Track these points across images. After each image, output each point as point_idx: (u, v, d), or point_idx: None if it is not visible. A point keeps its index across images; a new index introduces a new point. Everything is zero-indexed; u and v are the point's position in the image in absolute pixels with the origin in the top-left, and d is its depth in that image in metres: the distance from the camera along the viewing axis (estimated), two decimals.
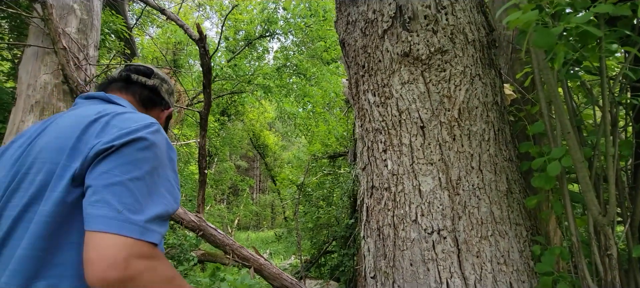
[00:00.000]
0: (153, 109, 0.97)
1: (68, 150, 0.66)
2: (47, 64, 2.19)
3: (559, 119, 0.89)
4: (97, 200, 0.61)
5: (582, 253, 0.95)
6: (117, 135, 0.67)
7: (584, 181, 0.88)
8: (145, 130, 0.70)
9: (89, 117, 0.71)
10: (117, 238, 0.59)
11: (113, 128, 0.69)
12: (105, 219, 0.60)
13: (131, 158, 0.65)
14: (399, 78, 1.31)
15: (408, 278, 1.17)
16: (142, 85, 0.94)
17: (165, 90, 1.00)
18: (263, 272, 2.61)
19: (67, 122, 0.72)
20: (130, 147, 0.66)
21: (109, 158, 0.64)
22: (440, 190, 1.19)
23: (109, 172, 0.63)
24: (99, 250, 0.58)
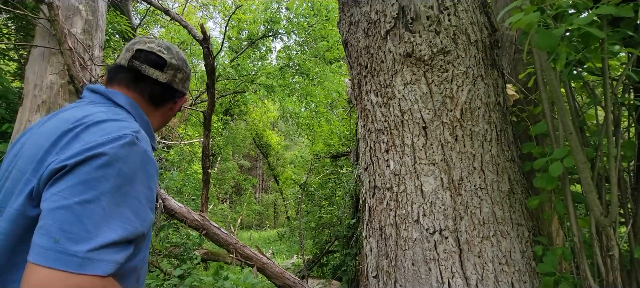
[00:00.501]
0: (164, 105, 0.88)
1: (35, 163, 0.61)
2: (53, 64, 2.21)
3: (562, 119, 0.89)
4: (40, 227, 0.55)
5: (584, 253, 0.95)
6: (77, 151, 0.60)
7: (586, 182, 0.88)
8: (110, 144, 0.61)
9: (66, 126, 0.65)
10: (51, 273, 0.52)
11: (78, 142, 0.62)
12: (41, 250, 0.53)
13: (85, 178, 0.57)
14: (402, 79, 1.31)
15: (410, 277, 1.18)
16: (154, 82, 0.83)
17: (179, 79, 0.88)
18: (266, 271, 2.62)
19: (47, 128, 0.67)
20: (86, 165, 0.58)
21: (63, 179, 0.57)
22: (442, 191, 1.20)
23: (59, 194, 0.56)
24: (30, 286, 0.52)
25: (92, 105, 0.74)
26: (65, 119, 0.67)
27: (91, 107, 0.73)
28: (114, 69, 0.83)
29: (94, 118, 0.66)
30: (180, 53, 0.90)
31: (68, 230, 0.54)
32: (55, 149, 0.61)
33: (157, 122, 0.89)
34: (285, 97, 8.77)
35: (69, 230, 0.54)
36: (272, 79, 8.36)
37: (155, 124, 0.88)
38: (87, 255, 0.54)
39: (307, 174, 5.59)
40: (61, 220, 0.54)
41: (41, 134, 0.66)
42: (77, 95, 2.21)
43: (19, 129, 2.05)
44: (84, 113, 0.68)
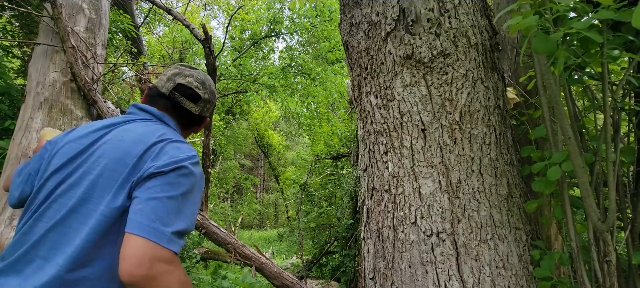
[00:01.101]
0: (192, 127, 1.08)
1: (130, 167, 0.80)
2: (56, 62, 2.23)
3: (560, 123, 0.89)
4: (139, 209, 0.75)
5: (581, 258, 0.95)
6: (167, 162, 0.81)
7: (584, 187, 0.88)
8: (189, 160, 0.84)
9: (150, 140, 0.84)
10: (148, 242, 0.72)
11: (165, 155, 0.83)
12: (141, 225, 0.73)
13: (171, 181, 0.79)
14: (401, 80, 1.31)
15: (406, 280, 1.18)
16: (188, 111, 1.01)
17: (207, 109, 1.07)
18: (264, 270, 2.62)
19: (130, 138, 0.85)
20: (174, 172, 0.80)
21: (156, 178, 0.78)
22: (440, 193, 1.20)
23: (152, 188, 0.77)
24: (132, 249, 0.71)
25: (154, 124, 0.94)
26: (144, 134, 0.86)
27: (155, 125, 0.93)
28: (157, 94, 1.01)
29: (168, 137, 0.88)
30: (212, 86, 1.08)
31: (160, 216, 0.75)
32: (148, 158, 0.81)
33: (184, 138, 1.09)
34: (287, 97, 8.78)
35: (160, 216, 0.75)
36: (274, 79, 8.38)
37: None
38: (170, 236, 0.75)
39: (307, 175, 5.59)
40: (155, 207, 0.75)
41: (124, 144, 0.84)
42: (79, 93, 2.22)
43: (22, 125, 2.07)
44: (157, 131, 0.88)
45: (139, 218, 0.73)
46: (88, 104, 2.25)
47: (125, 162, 0.81)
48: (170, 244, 0.74)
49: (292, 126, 11.95)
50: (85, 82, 2.21)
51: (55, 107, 2.13)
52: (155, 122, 0.95)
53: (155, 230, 0.73)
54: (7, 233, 1.74)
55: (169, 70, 1.04)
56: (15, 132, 2.08)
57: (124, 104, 3.24)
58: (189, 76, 1.02)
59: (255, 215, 16.42)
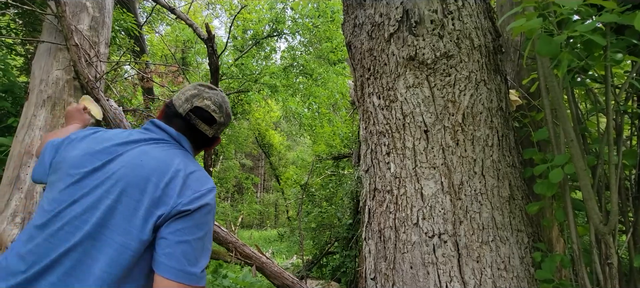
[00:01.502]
0: (203, 147, 1.09)
1: (152, 197, 0.80)
2: (60, 60, 2.23)
3: (563, 126, 0.89)
4: (169, 253, 0.77)
5: (582, 261, 0.95)
6: (192, 198, 0.82)
7: (586, 189, 0.88)
8: (210, 195, 0.86)
9: (170, 168, 0.84)
10: (181, 286, 0.76)
11: (189, 189, 0.83)
12: (173, 270, 0.77)
13: (198, 222, 0.82)
14: (404, 82, 1.32)
15: (408, 281, 1.18)
16: (202, 134, 1.02)
17: (221, 131, 1.10)
18: (265, 270, 2.63)
19: (149, 164, 0.84)
20: (200, 212, 0.82)
21: (183, 219, 0.80)
22: (442, 195, 1.20)
23: (181, 231, 0.79)
24: None
25: (171, 148, 0.93)
26: (164, 162, 0.86)
27: (173, 150, 0.93)
28: (173, 114, 1.00)
29: (188, 168, 0.88)
30: (229, 109, 1.09)
31: (189, 258, 0.79)
32: (172, 192, 0.81)
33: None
34: (288, 97, 8.78)
35: (189, 258, 0.79)
36: (275, 79, 8.38)
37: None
38: (199, 275, 0.80)
39: (308, 175, 5.59)
40: (184, 251, 0.78)
41: (144, 170, 0.83)
42: (82, 91, 2.23)
43: (25, 122, 2.08)
44: (175, 158, 0.89)
45: (170, 263, 0.77)
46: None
47: (146, 189, 0.80)
48: (200, 282, 0.80)
49: (293, 126, 11.96)
50: (88, 80, 2.22)
51: (58, 105, 2.14)
52: (173, 146, 0.94)
53: (187, 274, 0.77)
54: (10, 230, 1.75)
55: (188, 90, 1.02)
56: (18, 130, 2.08)
57: (126, 102, 3.25)
58: (207, 99, 1.01)
59: (255, 214, 16.43)
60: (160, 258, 0.77)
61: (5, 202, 1.83)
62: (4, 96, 2.51)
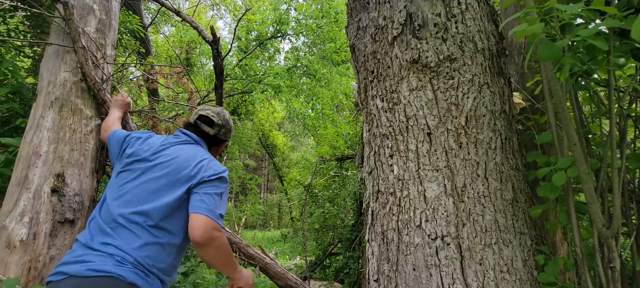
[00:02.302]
0: (213, 146, 1.58)
1: (188, 173, 1.32)
2: (67, 62, 2.26)
3: (566, 129, 0.89)
4: (199, 199, 1.27)
5: (585, 264, 0.95)
6: (213, 173, 1.34)
7: (589, 193, 0.88)
8: (224, 173, 1.38)
9: (197, 158, 1.37)
10: (208, 218, 1.23)
11: (210, 169, 1.34)
12: (203, 208, 1.24)
13: (216, 185, 1.33)
14: (408, 84, 1.32)
15: (411, 282, 1.19)
16: (206, 134, 1.53)
17: (223, 133, 1.57)
18: (268, 271, 2.64)
19: (185, 155, 1.38)
20: (218, 180, 1.34)
21: (207, 184, 1.31)
22: (445, 197, 1.20)
23: (206, 188, 1.30)
24: (199, 222, 1.21)
25: (195, 146, 1.47)
26: (193, 154, 1.40)
27: (196, 147, 1.47)
28: (188, 124, 1.56)
29: (208, 157, 1.42)
30: (226, 116, 1.61)
31: (211, 203, 1.27)
32: (200, 171, 1.33)
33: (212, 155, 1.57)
34: (292, 98, 8.80)
35: (211, 203, 1.27)
36: (279, 79, 8.41)
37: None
38: (219, 215, 1.28)
39: (311, 176, 5.60)
40: (209, 199, 1.28)
41: (182, 157, 1.37)
42: (89, 93, 2.25)
43: (33, 124, 2.10)
44: (199, 152, 1.43)
45: (201, 205, 1.25)
46: (97, 104, 2.29)
47: (184, 168, 1.33)
48: (219, 220, 1.26)
49: (297, 127, 11.97)
50: (95, 82, 2.25)
51: (66, 106, 2.17)
52: (196, 145, 1.47)
53: (211, 211, 1.24)
54: (18, 229, 1.78)
55: (198, 109, 1.58)
56: (26, 130, 2.11)
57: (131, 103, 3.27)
58: (208, 109, 1.57)
59: (259, 215, 16.46)
60: (194, 203, 1.26)
61: (14, 201, 1.85)
62: (13, 97, 2.55)
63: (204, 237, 1.18)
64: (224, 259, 1.28)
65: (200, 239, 1.18)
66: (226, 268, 1.31)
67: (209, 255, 1.23)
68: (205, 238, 1.19)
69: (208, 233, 1.19)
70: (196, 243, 1.20)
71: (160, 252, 1.24)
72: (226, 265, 1.31)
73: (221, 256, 1.26)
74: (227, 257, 1.29)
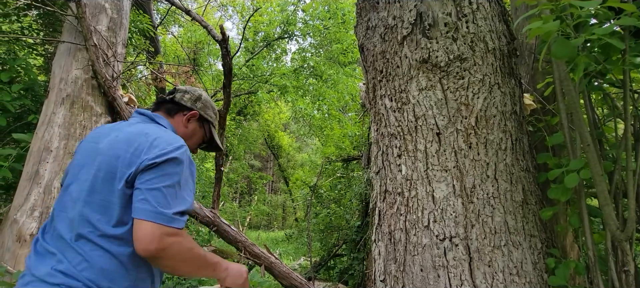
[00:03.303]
0: (176, 115, 1.25)
1: (126, 162, 0.98)
2: (79, 60, 2.30)
3: (579, 130, 0.88)
4: (142, 198, 0.93)
5: (598, 268, 0.94)
6: (159, 153, 0.97)
7: (602, 195, 0.87)
8: (176, 151, 0.99)
9: (139, 138, 1.01)
10: (154, 225, 0.91)
11: (155, 148, 0.98)
12: (146, 212, 0.91)
13: (166, 172, 0.96)
14: (417, 84, 1.32)
15: (418, 283, 1.18)
16: (167, 101, 1.25)
17: (187, 99, 1.27)
18: (273, 270, 2.64)
19: (122, 139, 1.02)
20: (168, 164, 0.97)
21: (152, 171, 0.95)
22: (454, 198, 1.19)
23: (151, 181, 0.94)
24: (142, 231, 0.91)
25: (145, 124, 1.11)
26: (133, 134, 1.03)
27: (145, 125, 1.10)
28: (153, 105, 1.28)
29: (156, 134, 1.03)
30: (192, 89, 1.30)
31: (159, 201, 0.93)
32: (141, 153, 0.97)
33: (180, 131, 1.23)
34: (297, 98, 8.82)
35: (160, 201, 0.93)
36: (286, 80, 8.43)
37: (179, 131, 1.22)
38: (172, 216, 0.93)
39: (317, 176, 5.60)
40: (155, 196, 0.93)
41: (119, 143, 1.01)
42: (100, 90, 2.29)
43: (44, 120, 2.14)
44: (145, 129, 1.05)
45: (144, 207, 0.92)
46: (108, 101, 2.32)
47: (120, 158, 0.99)
48: (173, 223, 0.93)
49: (303, 127, 11.99)
50: (105, 80, 2.28)
51: (77, 103, 2.20)
52: (147, 123, 1.14)
53: (158, 213, 0.91)
54: (29, 223, 1.81)
55: None
56: (38, 126, 2.15)
57: (140, 101, 3.32)
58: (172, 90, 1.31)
59: (263, 216, 16.51)
60: (135, 205, 0.93)
61: (25, 196, 1.89)
62: (25, 94, 2.59)
63: (150, 249, 0.90)
64: (191, 265, 0.98)
65: (146, 253, 0.90)
66: (201, 272, 1.02)
67: (168, 268, 0.96)
68: (153, 251, 0.90)
69: (155, 243, 0.90)
70: (144, 257, 0.92)
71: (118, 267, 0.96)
72: (199, 269, 1.01)
73: (185, 264, 0.97)
74: (193, 261, 0.99)
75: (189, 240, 0.99)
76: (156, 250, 0.90)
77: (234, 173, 13.27)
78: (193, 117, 1.27)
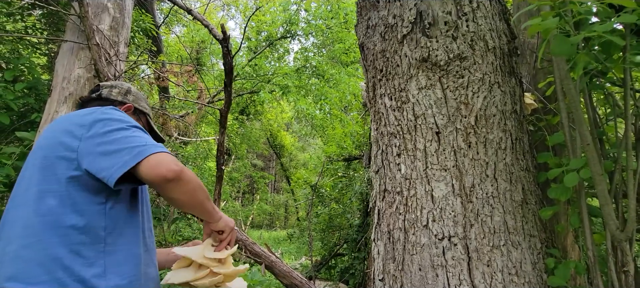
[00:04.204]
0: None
1: (60, 147, 0.91)
2: (81, 59, 2.32)
3: (579, 129, 0.87)
4: (102, 168, 0.89)
5: (598, 268, 0.93)
6: (93, 120, 0.93)
7: (602, 194, 0.86)
8: (100, 113, 0.96)
9: (72, 121, 0.96)
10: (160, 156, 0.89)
11: (86, 122, 0.93)
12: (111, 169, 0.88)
13: (108, 125, 0.93)
14: (417, 83, 1.31)
15: (416, 282, 1.17)
16: (93, 99, 1.18)
17: (116, 93, 1.20)
18: (274, 269, 2.64)
19: (57, 127, 0.97)
20: (103, 122, 0.93)
21: (98, 138, 0.91)
22: (453, 197, 1.19)
23: (101, 143, 0.90)
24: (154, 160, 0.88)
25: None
26: (65, 120, 0.98)
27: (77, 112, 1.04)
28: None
29: (78, 115, 0.98)
30: (118, 83, 1.24)
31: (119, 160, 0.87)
32: (74, 132, 0.92)
33: None
34: (299, 98, 8.82)
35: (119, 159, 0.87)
36: (288, 79, 8.44)
37: None
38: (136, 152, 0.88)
39: (319, 176, 5.60)
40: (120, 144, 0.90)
41: (53, 132, 0.96)
42: None
43: (47, 119, 2.16)
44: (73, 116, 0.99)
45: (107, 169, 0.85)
46: None
47: (55, 144, 0.92)
48: (144, 153, 0.86)
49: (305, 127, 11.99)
50: (108, 79, 2.29)
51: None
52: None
53: (128, 160, 0.85)
54: None
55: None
56: (41, 125, 2.17)
57: None
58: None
59: (265, 215, 16.53)
60: (101, 175, 0.86)
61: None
62: (28, 93, 2.61)
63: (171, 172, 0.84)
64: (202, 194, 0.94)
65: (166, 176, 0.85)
66: (206, 205, 0.97)
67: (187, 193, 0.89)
68: (178, 171, 0.85)
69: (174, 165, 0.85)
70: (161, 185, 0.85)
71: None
72: (206, 200, 0.97)
73: (201, 191, 0.93)
74: (203, 190, 0.95)
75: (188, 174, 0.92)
76: (176, 172, 0.84)
77: (237, 172, 13.31)
78: (128, 111, 1.19)
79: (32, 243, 0.84)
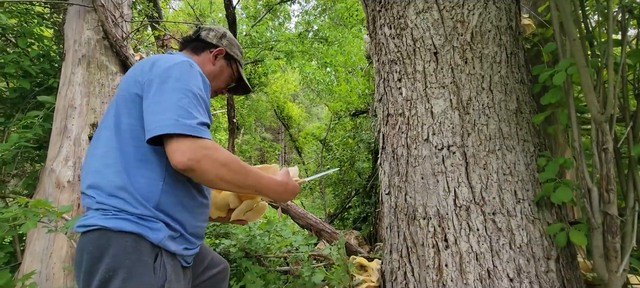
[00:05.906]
0: (202, 53, 1.22)
1: (132, 86, 0.97)
2: (89, 21, 2.39)
3: (565, 25, 0.93)
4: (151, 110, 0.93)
5: (583, 156, 1.02)
6: (160, 69, 0.95)
7: (586, 85, 0.93)
8: (170, 62, 0.97)
9: (146, 65, 1.00)
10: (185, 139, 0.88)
11: (158, 67, 0.95)
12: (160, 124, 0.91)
13: (169, 76, 0.95)
14: (414, 8, 1.36)
15: (419, 189, 1.29)
16: (192, 40, 1.23)
17: (212, 36, 1.23)
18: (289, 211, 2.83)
19: (131, 71, 1.03)
20: (165, 73, 0.95)
21: (151, 83, 0.94)
22: (451, 111, 1.27)
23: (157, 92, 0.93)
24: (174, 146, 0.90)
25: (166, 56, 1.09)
26: (141, 64, 1.01)
27: (162, 55, 1.06)
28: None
29: (163, 58, 1.00)
30: (215, 27, 1.27)
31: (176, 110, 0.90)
32: (145, 72, 0.96)
33: (207, 69, 1.20)
34: (305, 62, 8.77)
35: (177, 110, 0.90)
36: (291, 44, 8.35)
37: (207, 70, 1.20)
38: (198, 125, 0.91)
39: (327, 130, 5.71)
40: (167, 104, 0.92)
41: (126, 76, 1.03)
42: (112, 50, 2.39)
43: (65, 81, 2.27)
44: (151, 58, 1.03)
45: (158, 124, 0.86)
46: (121, 60, 2.42)
47: (129, 84, 0.97)
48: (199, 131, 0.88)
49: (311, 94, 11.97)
50: (116, 39, 2.37)
51: (92, 63, 2.31)
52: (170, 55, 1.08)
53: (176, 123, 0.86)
54: (64, 172, 1.98)
55: None
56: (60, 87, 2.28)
57: None
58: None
59: None
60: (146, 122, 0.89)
61: (57, 149, 2.05)
62: (42, 61, 2.72)
63: (189, 162, 0.83)
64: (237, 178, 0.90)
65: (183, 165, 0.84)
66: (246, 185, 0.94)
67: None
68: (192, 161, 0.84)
69: (188, 154, 0.84)
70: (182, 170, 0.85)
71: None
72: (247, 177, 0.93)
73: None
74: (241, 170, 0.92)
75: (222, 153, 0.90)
76: (186, 165, 0.83)
77: (247, 144, 13.51)
78: (220, 54, 1.22)
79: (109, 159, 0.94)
